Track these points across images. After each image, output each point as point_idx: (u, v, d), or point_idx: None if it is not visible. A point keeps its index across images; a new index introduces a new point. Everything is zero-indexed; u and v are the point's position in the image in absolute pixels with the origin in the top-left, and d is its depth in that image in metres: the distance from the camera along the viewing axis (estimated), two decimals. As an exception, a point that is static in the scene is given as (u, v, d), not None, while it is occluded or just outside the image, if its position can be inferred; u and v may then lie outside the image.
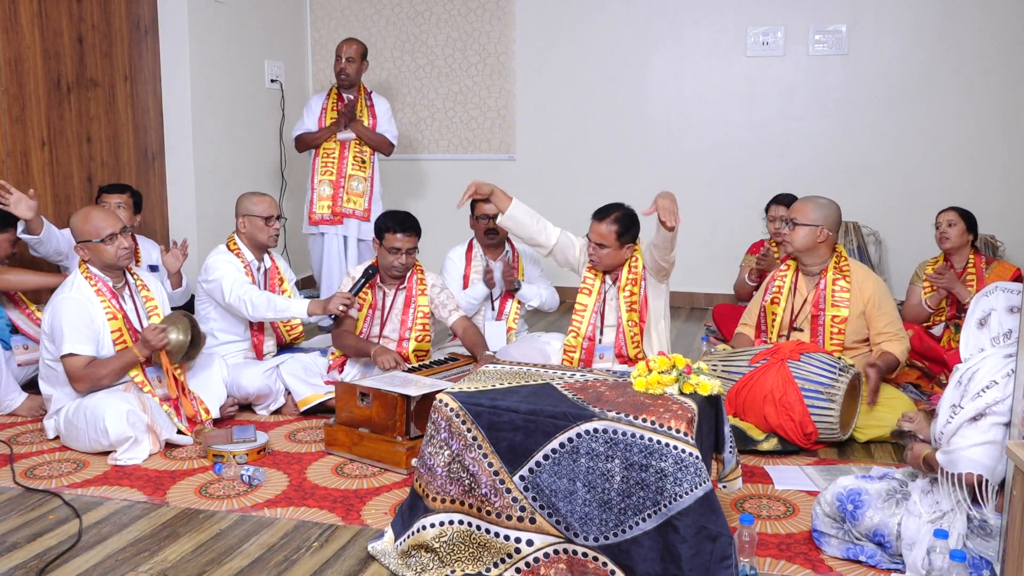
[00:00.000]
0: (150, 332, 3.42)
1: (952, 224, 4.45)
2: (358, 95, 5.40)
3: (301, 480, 3.14)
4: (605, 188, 5.14)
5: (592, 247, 3.75)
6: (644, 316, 3.79)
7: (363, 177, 5.35)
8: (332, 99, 5.39)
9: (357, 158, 5.34)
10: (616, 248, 3.73)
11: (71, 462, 3.30)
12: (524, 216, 3.85)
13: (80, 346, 3.34)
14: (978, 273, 4.43)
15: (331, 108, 5.36)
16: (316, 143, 5.35)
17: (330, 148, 5.34)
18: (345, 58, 5.31)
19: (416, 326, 3.94)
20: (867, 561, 2.45)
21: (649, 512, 2.24)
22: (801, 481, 3.07)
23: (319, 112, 5.39)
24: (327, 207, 5.31)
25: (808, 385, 3.32)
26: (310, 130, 5.37)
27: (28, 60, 4.57)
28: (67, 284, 3.46)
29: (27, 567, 2.51)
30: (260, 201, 4.01)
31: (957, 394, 2.30)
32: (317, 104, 5.42)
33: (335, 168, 5.32)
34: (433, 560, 2.45)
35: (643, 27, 6.15)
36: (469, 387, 2.55)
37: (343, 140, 5.32)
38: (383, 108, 5.48)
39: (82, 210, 3.57)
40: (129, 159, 5.28)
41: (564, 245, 3.90)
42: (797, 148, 6.00)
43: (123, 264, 3.51)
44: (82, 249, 3.44)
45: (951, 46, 5.68)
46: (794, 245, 3.72)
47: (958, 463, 2.23)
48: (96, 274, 3.47)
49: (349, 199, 5.32)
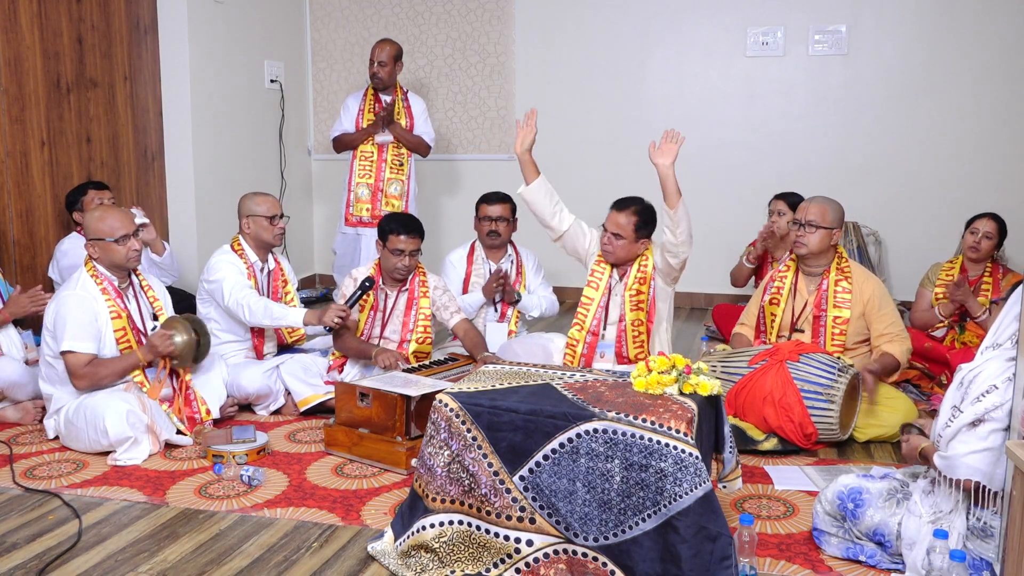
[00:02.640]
0: (158, 338, 3.43)
1: (990, 237, 4.34)
2: (395, 96, 5.41)
3: (301, 480, 3.13)
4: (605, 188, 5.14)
5: (608, 237, 3.74)
6: (652, 316, 3.78)
7: (400, 180, 5.39)
8: (369, 99, 5.40)
9: (395, 161, 5.37)
10: (632, 240, 3.72)
11: (71, 462, 3.30)
12: (544, 195, 3.79)
13: (82, 343, 3.34)
14: (994, 283, 4.34)
15: (368, 109, 5.38)
16: (354, 144, 5.36)
17: (368, 151, 5.36)
18: (377, 62, 5.34)
19: (418, 328, 3.94)
20: (867, 561, 2.45)
21: (649, 512, 2.24)
22: (801, 481, 3.07)
23: (356, 113, 5.39)
24: (366, 210, 5.34)
25: (807, 386, 3.32)
26: (348, 131, 5.38)
27: (28, 60, 4.57)
28: (72, 281, 3.47)
29: (27, 567, 2.51)
30: (263, 201, 4.01)
31: (958, 395, 2.29)
32: (354, 104, 5.43)
33: (373, 172, 5.35)
34: (433, 560, 2.45)
35: (643, 27, 6.15)
36: (469, 387, 2.55)
37: (381, 143, 5.34)
38: (419, 108, 5.50)
39: (98, 209, 3.60)
40: (129, 159, 5.29)
41: (575, 234, 3.87)
42: (797, 148, 6.00)
43: (131, 265, 3.52)
44: (93, 247, 3.45)
45: (951, 46, 5.68)
46: (809, 248, 3.68)
47: (956, 469, 2.22)
48: (102, 273, 3.48)
49: (388, 202, 5.35)
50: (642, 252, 3.78)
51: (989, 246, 4.36)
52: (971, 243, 4.38)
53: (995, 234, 4.36)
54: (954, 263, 4.49)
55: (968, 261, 4.44)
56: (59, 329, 3.35)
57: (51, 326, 3.40)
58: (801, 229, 3.71)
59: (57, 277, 4.31)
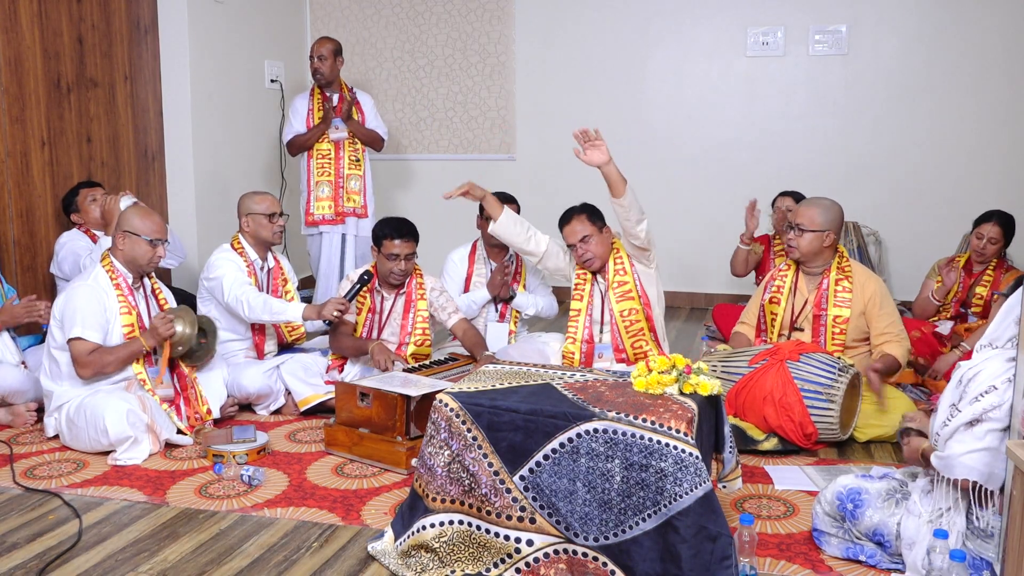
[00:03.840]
0: (159, 320, 3.46)
1: (995, 242, 4.40)
2: (342, 93, 5.41)
3: (301, 480, 3.14)
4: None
5: (579, 249, 3.80)
6: (648, 302, 3.81)
7: (359, 175, 5.40)
8: (317, 99, 5.40)
9: (352, 157, 5.38)
10: (598, 233, 3.80)
11: (71, 462, 3.30)
12: (513, 225, 3.90)
13: (89, 332, 3.37)
14: (995, 276, 4.41)
15: (317, 108, 5.37)
16: (309, 144, 5.35)
17: (324, 149, 5.36)
18: (317, 57, 5.32)
19: (416, 330, 3.94)
20: (867, 561, 2.45)
21: (649, 512, 2.24)
22: (801, 481, 3.07)
23: (305, 113, 5.39)
24: (328, 207, 5.34)
25: (808, 386, 3.32)
26: (300, 132, 5.37)
27: (28, 60, 4.57)
28: (86, 273, 3.51)
29: (27, 567, 2.51)
30: (262, 200, 4.02)
31: (957, 394, 2.29)
32: (302, 105, 5.42)
33: (332, 168, 5.35)
34: (433, 560, 2.45)
35: (643, 27, 6.15)
36: (469, 387, 2.55)
37: (336, 140, 5.34)
38: (369, 103, 5.53)
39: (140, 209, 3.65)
40: (129, 159, 5.28)
41: (552, 253, 3.95)
42: (797, 148, 6.00)
43: (149, 268, 3.58)
44: (123, 238, 3.48)
45: (951, 46, 5.68)
46: (800, 251, 3.70)
47: (953, 469, 2.22)
48: (118, 269, 3.51)
49: (349, 198, 5.36)
50: (612, 244, 3.86)
51: (994, 250, 4.44)
52: (977, 247, 4.47)
53: (1000, 238, 4.43)
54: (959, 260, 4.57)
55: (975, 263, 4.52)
56: (67, 318, 3.37)
57: (59, 315, 3.42)
58: (791, 233, 3.74)
59: (57, 271, 4.31)
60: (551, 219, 3.99)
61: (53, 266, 4.36)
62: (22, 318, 3.70)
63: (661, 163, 6.20)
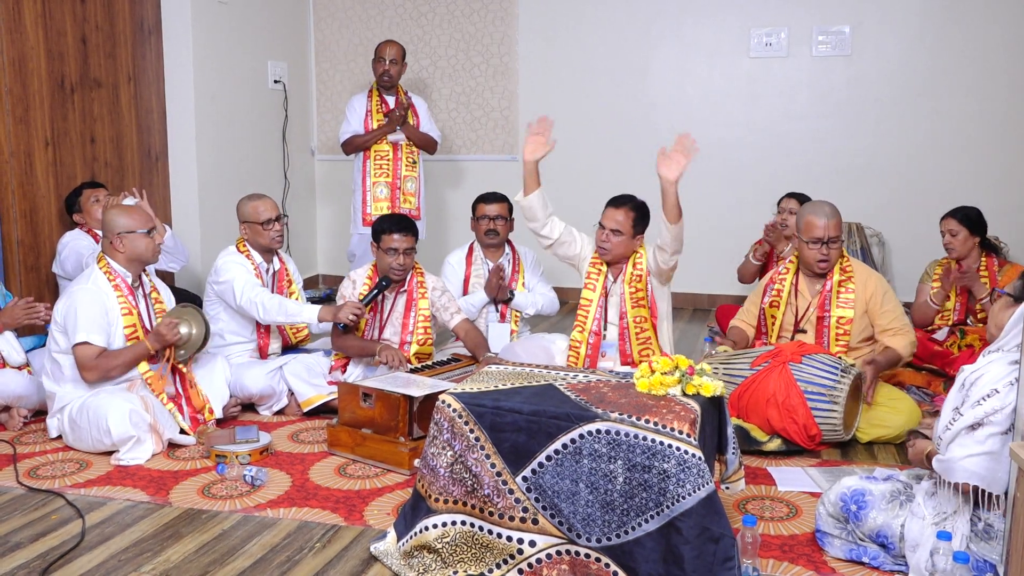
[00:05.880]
0: (164, 326, 3.45)
1: (955, 234, 4.35)
2: (398, 97, 5.43)
3: (304, 481, 3.14)
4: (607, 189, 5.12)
5: (605, 234, 3.74)
6: (655, 312, 3.79)
7: (414, 177, 5.46)
8: (375, 100, 5.41)
9: (408, 159, 5.43)
10: (629, 236, 3.74)
11: (74, 462, 3.30)
12: (541, 205, 3.81)
13: (94, 335, 3.37)
14: (991, 276, 4.35)
15: (376, 110, 5.39)
16: (367, 145, 5.38)
17: (383, 150, 5.39)
18: (389, 60, 5.36)
19: (418, 329, 3.94)
20: (870, 563, 2.44)
21: (652, 513, 2.23)
22: (804, 482, 3.07)
23: (364, 114, 5.41)
24: (386, 208, 5.36)
25: (810, 387, 3.32)
26: (357, 132, 5.39)
27: (32, 60, 4.58)
28: (84, 276, 3.51)
29: (30, 567, 2.51)
30: (256, 206, 3.98)
31: (959, 397, 2.28)
32: (360, 106, 5.43)
33: (390, 169, 5.38)
34: (436, 561, 2.45)
35: (646, 28, 6.15)
36: (472, 388, 2.55)
37: (394, 142, 5.37)
38: (423, 108, 5.57)
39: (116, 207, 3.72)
40: (132, 159, 5.29)
41: (567, 240, 3.88)
42: (800, 149, 5.99)
43: (152, 260, 3.61)
44: (120, 239, 3.50)
45: (955, 46, 5.67)
46: (832, 262, 3.68)
47: (954, 472, 2.21)
48: (116, 270, 3.50)
49: (405, 199, 5.41)
50: (636, 250, 3.80)
51: (959, 242, 4.35)
52: (944, 243, 4.42)
53: (959, 229, 4.34)
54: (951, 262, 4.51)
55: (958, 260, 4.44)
56: (70, 323, 3.37)
57: (61, 320, 3.42)
58: (826, 247, 3.65)
59: (60, 271, 4.32)
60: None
61: (55, 265, 4.37)
62: (22, 320, 3.71)
63: (664, 164, 6.18)
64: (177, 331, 3.47)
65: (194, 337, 3.55)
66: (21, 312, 3.69)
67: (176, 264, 4.47)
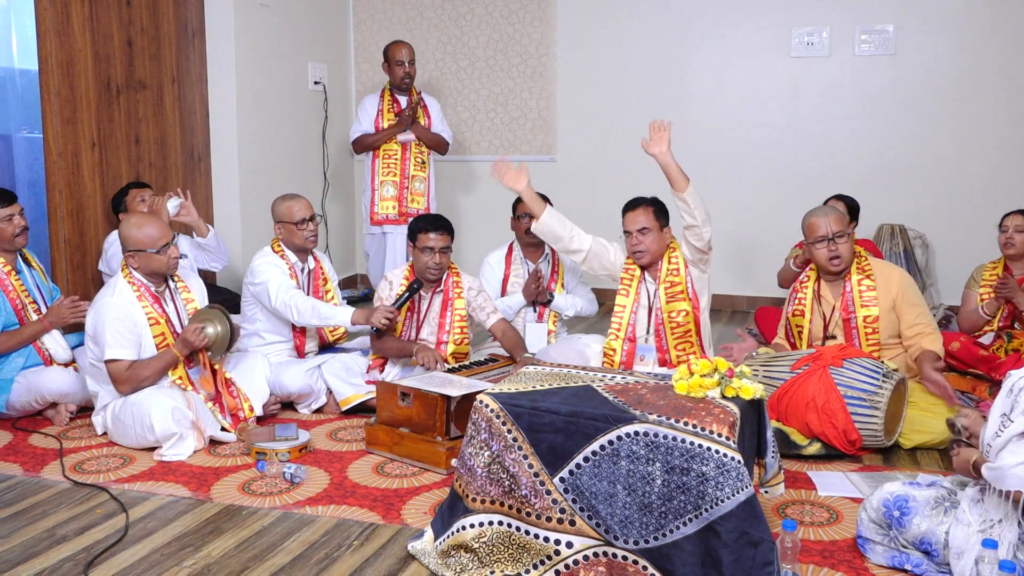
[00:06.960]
0: (189, 332, 3.47)
1: (1020, 230, 4.32)
2: (409, 97, 5.47)
3: (342, 478, 3.16)
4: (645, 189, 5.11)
5: (634, 238, 3.74)
6: (697, 304, 3.78)
7: (423, 177, 5.50)
8: (387, 101, 5.46)
9: (417, 159, 5.47)
10: (658, 230, 3.76)
11: (118, 457, 3.36)
12: (556, 224, 3.84)
13: (123, 351, 3.39)
14: None
15: (387, 110, 5.44)
16: (376, 145, 5.43)
17: (391, 150, 5.44)
18: (408, 62, 5.43)
19: (454, 329, 3.95)
20: (913, 570, 2.40)
21: (690, 516, 2.22)
22: (845, 487, 3.02)
23: (375, 114, 5.46)
24: (392, 207, 5.41)
25: (851, 392, 3.27)
26: (368, 132, 5.44)
27: (79, 63, 4.67)
28: (109, 288, 3.51)
29: (75, 560, 2.56)
30: (289, 206, 3.99)
31: (1008, 403, 2.24)
32: (372, 106, 5.49)
33: (398, 169, 5.43)
34: (472, 560, 2.45)
35: (684, 28, 6.11)
36: (509, 388, 2.55)
37: (404, 142, 5.43)
38: (436, 108, 5.62)
39: (132, 218, 3.62)
40: (176, 160, 5.37)
41: (597, 252, 3.89)
42: (842, 150, 5.92)
43: (172, 272, 3.59)
44: (132, 257, 3.49)
45: (1000, 44, 5.56)
46: (845, 261, 3.65)
47: (1005, 480, 2.17)
48: (139, 280, 3.52)
49: (413, 199, 5.45)
50: (669, 244, 3.80)
51: (1022, 240, 4.32)
52: (1002, 241, 4.39)
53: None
54: (997, 264, 4.46)
55: (1009, 260, 4.39)
56: (99, 338, 3.40)
57: (92, 333, 3.45)
58: (833, 244, 3.62)
59: (106, 269, 4.41)
60: (591, 220, 3.98)
61: (102, 263, 4.45)
62: (68, 318, 3.78)
63: (703, 164, 6.12)
64: (204, 335, 3.49)
65: (221, 334, 3.56)
66: (67, 311, 3.76)
67: (218, 264, 4.52)
